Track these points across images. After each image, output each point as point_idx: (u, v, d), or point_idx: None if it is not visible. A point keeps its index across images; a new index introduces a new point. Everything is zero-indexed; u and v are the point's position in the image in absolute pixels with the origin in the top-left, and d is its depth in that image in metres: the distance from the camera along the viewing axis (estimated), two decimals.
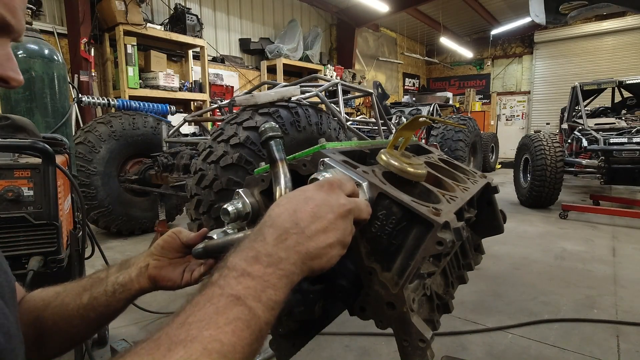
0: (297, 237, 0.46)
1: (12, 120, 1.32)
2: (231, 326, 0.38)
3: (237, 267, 0.43)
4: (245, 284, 0.42)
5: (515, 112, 13.69)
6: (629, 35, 11.36)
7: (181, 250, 0.71)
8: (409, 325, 0.57)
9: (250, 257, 0.44)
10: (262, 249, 0.45)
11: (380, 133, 3.95)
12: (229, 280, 0.42)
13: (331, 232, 0.48)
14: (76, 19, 5.34)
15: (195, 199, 2.32)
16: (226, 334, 0.38)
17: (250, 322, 0.40)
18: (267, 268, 0.43)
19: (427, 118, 0.73)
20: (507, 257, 3.41)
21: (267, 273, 0.43)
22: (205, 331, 0.37)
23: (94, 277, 0.70)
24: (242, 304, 0.40)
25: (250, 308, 0.40)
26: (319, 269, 0.47)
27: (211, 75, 7.33)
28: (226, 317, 0.39)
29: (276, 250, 0.45)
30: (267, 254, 0.44)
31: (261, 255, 0.44)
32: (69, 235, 1.44)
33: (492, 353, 1.96)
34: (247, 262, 0.44)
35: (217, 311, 0.39)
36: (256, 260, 0.44)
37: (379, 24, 11.51)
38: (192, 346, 0.36)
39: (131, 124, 3.98)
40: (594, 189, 6.71)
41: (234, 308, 0.40)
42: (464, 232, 0.57)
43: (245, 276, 0.42)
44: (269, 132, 0.65)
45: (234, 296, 0.40)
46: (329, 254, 0.48)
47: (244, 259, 0.44)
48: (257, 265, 0.43)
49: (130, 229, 4.09)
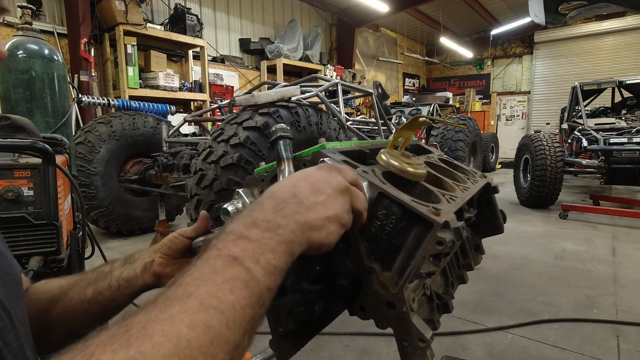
0: (295, 206, 0.46)
1: (12, 120, 1.32)
2: (229, 284, 0.37)
3: (234, 231, 0.43)
4: (242, 246, 0.41)
5: (515, 112, 13.70)
6: (629, 35, 11.36)
7: (185, 251, 0.72)
8: (409, 325, 0.57)
9: (248, 223, 0.44)
10: (260, 216, 0.44)
11: (380, 133, 3.95)
12: (226, 243, 0.41)
13: (330, 205, 0.48)
14: (76, 19, 5.34)
15: (195, 199, 2.32)
16: (224, 291, 0.37)
17: (249, 283, 0.39)
18: (265, 232, 0.43)
19: (427, 118, 0.73)
20: (507, 257, 3.41)
21: (265, 237, 0.42)
22: (202, 288, 0.36)
23: (99, 271, 0.70)
24: (240, 264, 0.39)
25: (249, 269, 0.39)
26: (317, 242, 0.47)
27: (211, 75, 7.33)
28: (223, 276, 0.38)
29: (274, 217, 0.44)
30: (265, 220, 0.44)
31: (259, 221, 0.44)
32: (69, 235, 1.44)
33: (492, 353, 1.96)
34: (244, 226, 0.43)
35: (214, 270, 0.38)
36: (254, 225, 0.43)
37: (379, 24, 11.51)
38: (188, 301, 0.35)
39: (131, 124, 3.98)
40: (594, 189, 6.71)
41: (231, 268, 0.39)
42: (464, 232, 0.57)
43: (242, 239, 0.42)
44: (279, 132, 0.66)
45: (231, 256, 0.40)
46: (328, 228, 0.47)
47: (241, 224, 0.44)
48: (255, 229, 0.43)
49: (130, 229, 4.09)
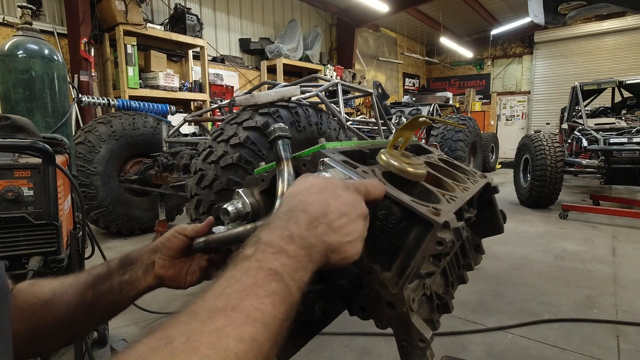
0: (325, 227, 0.47)
1: (12, 120, 1.32)
2: (270, 298, 0.38)
3: (273, 243, 0.44)
4: (282, 261, 0.42)
5: (515, 112, 13.70)
6: (629, 35, 11.36)
7: (185, 249, 0.71)
8: (409, 325, 0.57)
9: (286, 236, 0.45)
10: (296, 231, 0.46)
11: (380, 133, 3.95)
12: (267, 255, 0.42)
13: (352, 232, 0.50)
14: (76, 19, 5.34)
15: (195, 199, 2.32)
16: (266, 305, 0.37)
17: (287, 298, 0.40)
18: (301, 250, 0.44)
19: (427, 118, 0.73)
20: (507, 257, 3.41)
21: (300, 254, 0.44)
22: (246, 301, 0.37)
23: (95, 274, 0.69)
24: (280, 279, 0.40)
25: (287, 284, 0.40)
26: (332, 263, 0.49)
27: (211, 75, 7.33)
28: (265, 290, 0.38)
29: (308, 235, 0.46)
30: (301, 237, 0.45)
31: (295, 237, 0.45)
32: (69, 235, 1.44)
33: (492, 353, 1.96)
34: (283, 240, 0.44)
35: (256, 283, 0.39)
36: (291, 240, 0.44)
37: (379, 24, 11.51)
38: (233, 314, 0.35)
39: (131, 124, 3.98)
40: (594, 189, 6.71)
41: (273, 282, 0.40)
42: (464, 232, 0.57)
43: (282, 253, 0.43)
44: (277, 132, 0.66)
45: (273, 270, 0.41)
46: (347, 252, 0.49)
47: (279, 236, 0.45)
48: (293, 245, 0.44)
49: (130, 229, 4.09)
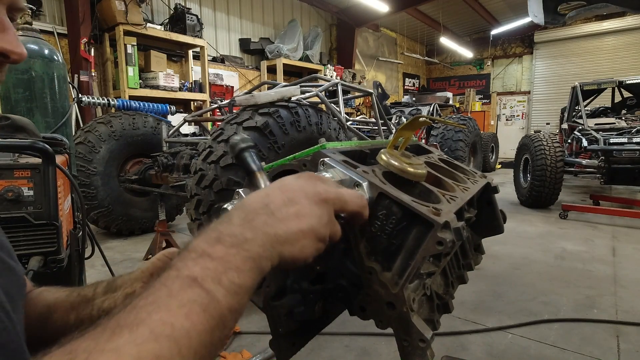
0: (265, 217, 0.43)
1: (12, 120, 1.32)
2: (184, 309, 0.35)
3: (196, 248, 0.40)
4: (203, 265, 0.38)
5: (515, 112, 13.70)
6: (629, 35, 11.36)
7: None
8: (409, 325, 0.57)
9: (212, 238, 0.41)
10: (225, 230, 0.41)
11: (380, 133, 3.95)
12: (187, 262, 0.38)
13: (304, 217, 0.45)
14: (76, 19, 5.34)
15: (195, 199, 2.32)
16: (178, 317, 0.34)
17: (208, 306, 0.36)
18: (230, 248, 0.40)
19: (427, 118, 0.73)
20: (507, 257, 3.41)
21: (230, 254, 0.39)
22: (155, 314, 0.34)
23: (82, 295, 0.67)
24: (199, 285, 0.36)
25: (208, 290, 0.36)
26: (289, 256, 0.44)
27: (211, 75, 7.33)
28: (179, 300, 0.35)
29: (241, 230, 0.41)
30: (231, 234, 0.41)
31: (224, 236, 0.41)
32: (69, 235, 1.44)
33: (492, 353, 1.96)
34: (208, 243, 0.40)
35: (170, 294, 0.36)
36: (218, 241, 0.40)
37: (379, 24, 11.51)
38: (137, 330, 0.32)
39: (131, 124, 3.98)
40: (594, 189, 6.71)
41: (189, 290, 0.36)
42: (464, 232, 0.57)
43: (204, 257, 0.39)
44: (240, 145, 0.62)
45: (190, 277, 0.37)
46: (301, 242, 0.44)
47: (205, 240, 0.41)
48: (219, 245, 0.40)
49: (130, 229, 4.10)
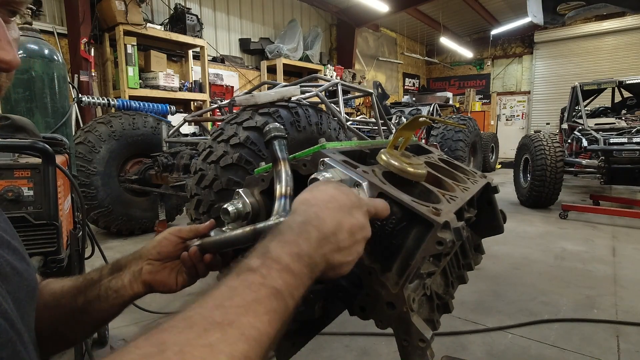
0: (332, 246, 0.48)
1: (12, 120, 1.32)
2: (268, 316, 0.38)
3: (281, 260, 0.44)
4: (286, 280, 0.42)
5: (515, 112, 13.69)
6: (629, 35, 11.35)
7: (178, 252, 0.69)
8: (409, 325, 0.57)
9: (295, 254, 0.45)
10: (305, 249, 0.46)
11: (380, 133, 3.95)
12: (272, 272, 0.42)
13: (354, 251, 0.51)
14: (76, 19, 5.34)
15: (195, 199, 2.32)
16: (263, 323, 0.38)
17: (284, 316, 0.40)
18: (305, 268, 0.45)
19: (427, 118, 0.73)
20: (507, 257, 3.41)
21: (304, 273, 0.45)
22: (244, 317, 0.37)
23: (88, 279, 0.68)
24: (282, 298, 0.41)
25: (286, 303, 0.41)
26: (326, 278, 0.50)
27: (211, 75, 7.33)
28: (265, 308, 0.39)
29: (315, 253, 0.46)
30: (309, 255, 0.46)
31: (303, 255, 0.45)
32: (69, 235, 1.44)
33: (492, 353, 1.96)
34: (291, 257, 0.44)
35: (257, 300, 0.39)
36: (299, 259, 0.45)
37: (379, 24, 11.51)
38: (229, 330, 0.35)
39: (131, 124, 3.98)
40: (594, 189, 6.70)
41: (274, 301, 0.40)
42: (464, 232, 0.57)
43: (287, 272, 0.43)
44: (273, 132, 0.66)
45: (276, 289, 0.41)
46: (342, 270, 0.51)
47: (288, 253, 0.45)
48: (299, 263, 0.45)
49: (130, 229, 4.09)
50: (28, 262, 0.56)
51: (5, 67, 0.46)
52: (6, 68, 0.46)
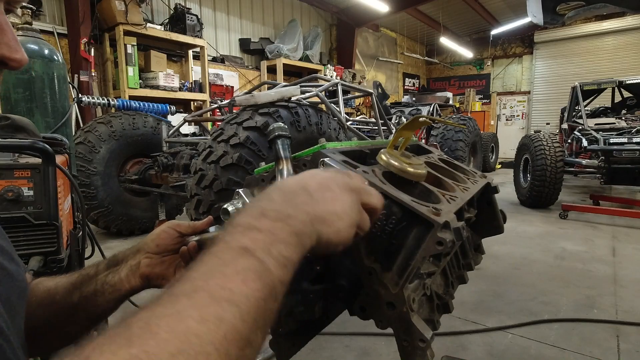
0: (304, 197, 0.45)
1: (12, 120, 1.32)
2: (240, 275, 0.34)
3: (242, 223, 0.40)
4: (252, 237, 0.38)
5: (515, 112, 13.69)
6: (629, 35, 11.35)
7: (176, 246, 0.69)
8: (409, 325, 0.57)
9: (257, 213, 0.41)
10: (268, 206, 0.42)
11: (380, 133, 3.95)
12: (235, 235, 0.39)
13: (338, 202, 0.46)
14: (76, 19, 5.34)
15: (195, 199, 2.32)
16: (236, 282, 0.34)
17: (262, 274, 0.36)
18: (276, 222, 0.40)
19: (427, 118, 0.73)
20: (507, 257, 3.41)
21: (276, 227, 0.40)
22: (212, 281, 0.34)
23: (84, 274, 0.67)
24: (251, 255, 0.37)
25: (261, 260, 0.37)
26: (326, 237, 0.44)
27: (211, 75, 7.33)
28: (234, 267, 0.35)
29: (284, 207, 0.42)
30: (275, 210, 0.42)
31: (268, 211, 0.42)
32: (69, 235, 1.44)
33: (492, 353, 1.96)
34: (253, 217, 0.41)
35: (224, 263, 0.36)
36: (263, 215, 0.41)
37: (379, 24, 11.51)
38: (196, 295, 0.32)
39: (131, 124, 3.98)
40: (594, 189, 6.71)
41: (242, 259, 0.36)
42: (464, 232, 0.57)
43: (252, 229, 0.39)
44: (277, 131, 0.66)
45: (241, 247, 0.37)
46: (336, 224, 0.45)
47: (249, 215, 0.41)
48: (265, 219, 0.40)
49: (130, 229, 4.09)
50: (17, 262, 0.56)
51: (16, 65, 0.48)
52: (16, 66, 0.48)
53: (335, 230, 0.45)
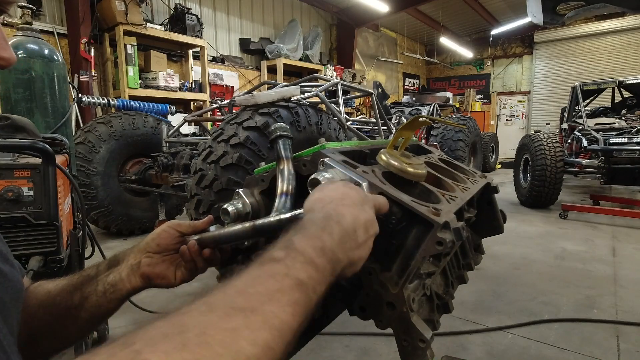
0: (353, 243, 0.48)
1: (12, 120, 1.31)
2: (291, 308, 0.37)
3: (305, 253, 0.43)
4: (310, 273, 0.41)
5: (515, 112, 13.69)
6: (629, 35, 11.35)
7: (177, 245, 0.69)
8: (409, 325, 0.57)
9: (319, 248, 0.44)
10: (328, 244, 0.45)
11: (380, 133, 3.95)
12: (296, 264, 0.41)
13: (367, 246, 0.51)
14: (76, 19, 5.34)
15: (195, 199, 2.32)
16: (286, 314, 0.36)
17: (307, 310, 0.39)
18: (329, 264, 0.44)
19: (427, 118, 0.73)
20: (507, 257, 3.41)
21: (327, 269, 0.44)
22: (267, 306, 0.36)
23: (84, 275, 0.67)
24: (305, 291, 0.40)
25: (309, 297, 0.40)
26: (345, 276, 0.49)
27: (211, 75, 7.33)
28: (288, 298, 0.38)
29: (338, 249, 0.46)
30: (332, 251, 0.45)
31: (327, 250, 0.45)
32: (69, 235, 1.44)
33: (492, 353, 1.96)
34: (315, 251, 0.44)
35: (281, 290, 0.38)
36: (323, 253, 0.44)
37: (379, 24, 11.51)
38: (252, 317, 0.34)
39: (131, 124, 3.98)
40: (594, 189, 6.70)
41: (297, 292, 0.39)
42: (464, 232, 0.57)
43: (311, 265, 0.42)
44: (278, 131, 0.66)
45: (300, 280, 0.40)
46: (358, 266, 0.51)
47: (312, 246, 0.44)
48: (323, 258, 0.44)
49: (130, 229, 4.09)
50: (12, 263, 0.56)
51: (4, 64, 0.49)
52: (5, 65, 0.49)
53: (353, 270, 0.50)
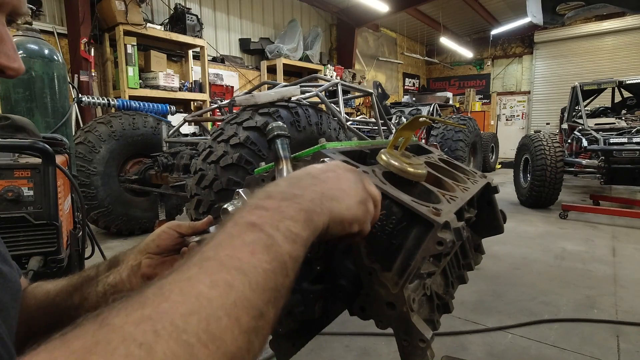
0: (310, 179, 0.46)
1: (12, 120, 1.32)
2: (248, 247, 0.35)
3: (249, 204, 0.41)
4: (258, 214, 0.39)
5: (515, 112, 13.69)
6: (629, 35, 11.35)
7: (177, 246, 0.69)
8: (409, 325, 0.57)
9: (263, 196, 0.42)
10: (274, 189, 0.43)
11: (380, 133, 3.95)
12: (242, 213, 0.39)
13: (343, 180, 0.48)
14: (76, 19, 5.34)
15: (195, 199, 2.32)
16: (244, 253, 0.34)
17: (271, 247, 0.36)
18: (282, 201, 0.41)
19: (427, 118, 0.73)
20: (507, 257, 3.41)
21: (282, 205, 0.40)
22: (221, 251, 0.34)
23: (84, 276, 0.68)
24: (259, 229, 0.37)
25: (268, 234, 0.37)
26: (339, 214, 0.45)
27: (211, 75, 7.33)
28: (242, 240, 0.36)
29: (290, 188, 0.43)
30: (281, 192, 0.43)
31: (274, 193, 0.42)
32: (69, 235, 1.44)
33: (492, 353, 1.96)
34: (259, 198, 0.42)
35: (232, 235, 0.36)
36: (269, 197, 0.42)
37: (379, 24, 11.51)
38: (206, 264, 0.33)
39: (131, 124, 3.98)
40: (594, 189, 6.71)
41: (249, 232, 0.37)
42: (464, 232, 0.57)
43: (258, 208, 0.40)
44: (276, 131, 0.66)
45: (249, 223, 0.38)
46: (347, 200, 0.46)
47: (255, 197, 0.42)
48: (271, 200, 0.41)
49: (130, 229, 4.09)
50: (10, 264, 0.56)
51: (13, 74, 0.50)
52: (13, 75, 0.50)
53: (346, 206, 0.46)
